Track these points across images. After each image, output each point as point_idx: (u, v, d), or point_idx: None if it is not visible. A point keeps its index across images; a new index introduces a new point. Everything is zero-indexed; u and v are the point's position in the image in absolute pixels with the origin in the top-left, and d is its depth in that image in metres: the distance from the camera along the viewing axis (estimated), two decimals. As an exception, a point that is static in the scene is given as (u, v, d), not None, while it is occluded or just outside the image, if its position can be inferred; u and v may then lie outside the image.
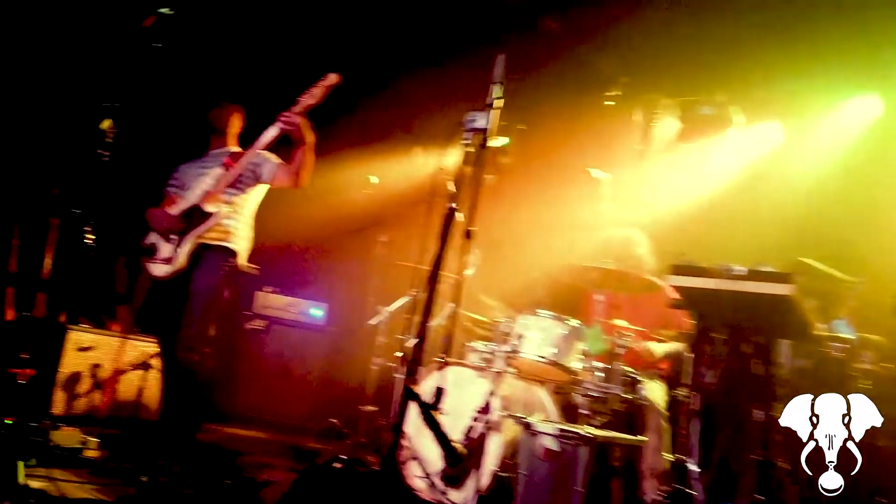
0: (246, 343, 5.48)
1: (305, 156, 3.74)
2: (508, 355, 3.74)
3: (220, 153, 4.09)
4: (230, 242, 3.91)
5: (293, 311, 5.61)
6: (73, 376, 4.04)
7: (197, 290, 3.81)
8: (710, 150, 5.28)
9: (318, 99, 3.66)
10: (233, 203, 3.91)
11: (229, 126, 4.10)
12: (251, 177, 3.96)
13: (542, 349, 3.68)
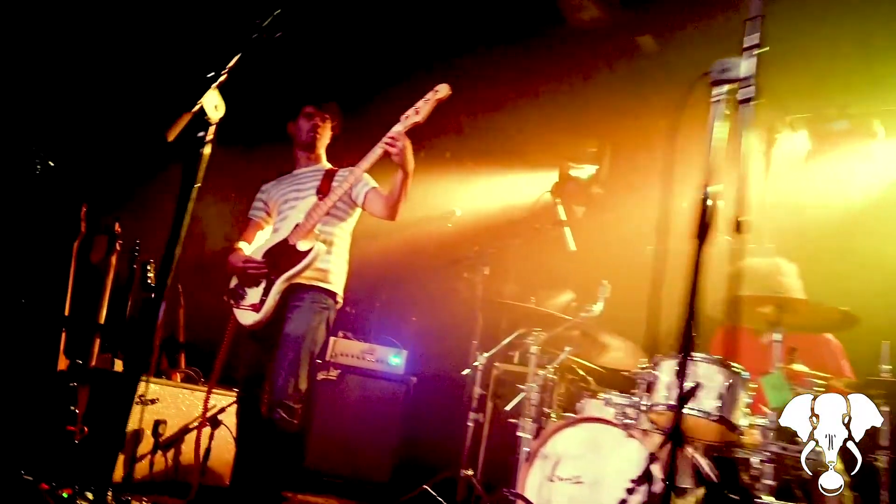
0: (318, 395, 4.87)
1: (405, 185, 3.18)
2: (655, 409, 3.06)
3: (310, 173, 3.56)
4: (328, 283, 3.35)
5: (369, 359, 5.00)
6: (135, 434, 3.46)
7: (290, 336, 3.24)
8: (847, 166, 4.62)
9: (425, 116, 3.12)
10: (329, 237, 3.38)
11: (319, 137, 3.58)
12: (348, 202, 3.43)
13: (705, 402, 3.00)
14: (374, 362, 5.00)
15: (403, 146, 3.07)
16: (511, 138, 5.52)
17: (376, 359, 5.01)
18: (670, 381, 3.08)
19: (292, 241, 3.31)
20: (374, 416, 4.84)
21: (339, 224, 3.44)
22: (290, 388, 3.20)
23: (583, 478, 3.05)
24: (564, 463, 3.15)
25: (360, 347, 5.02)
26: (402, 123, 3.14)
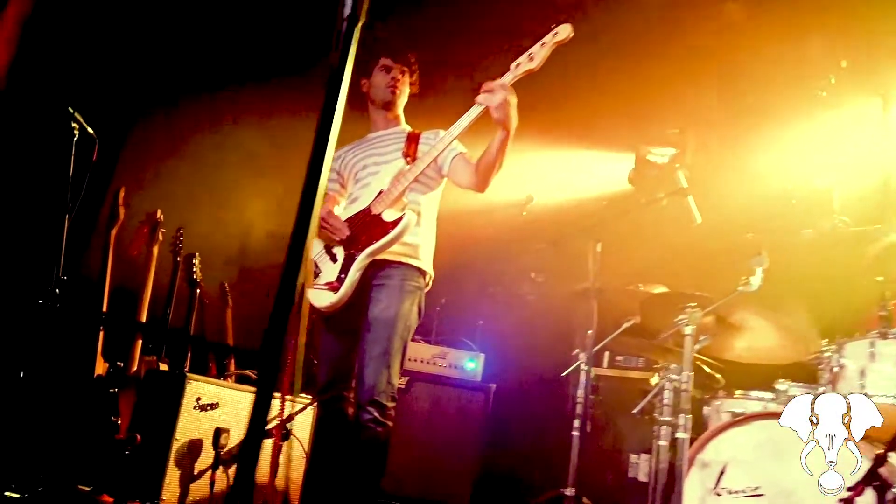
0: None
1: (503, 150, 2.61)
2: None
3: (390, 135, 3.03)
4: (418, 259, 2.80)
5: (441, 364, 4.39)
6: (192, 446, 2.85)
7: (379, 321, 2.68)
8: None
9: (541, 62, 2.56)
10: (417, 207, 2.83)
11: (398, 93, 3.04)
12: (436, 169, 2.89)
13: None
14: (447, 367, 4.38)
15: (503, 99, 2.51)
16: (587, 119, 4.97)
17: (449, 363, 4.39)
18: (865, 367, 2.48)
19: (376, 210, 2.76)
20: (448, 429, 4.20)
21: (427, 193, 2.90)
22: (382, 383, 2.63)
23: (763, 489, 2.42)
24: (733, 471, 2.53)
25: (431, 351, 4.41)
26: (512, 72, 2.59)
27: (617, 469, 4.05)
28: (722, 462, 2.55)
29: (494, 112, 2.54)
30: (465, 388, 4.32)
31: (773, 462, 2.44)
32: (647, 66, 4.92)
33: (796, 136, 4.67)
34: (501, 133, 2.59)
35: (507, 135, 2.58)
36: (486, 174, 2.69)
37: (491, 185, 2.78)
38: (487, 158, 2.66)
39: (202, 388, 2.92)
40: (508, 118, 2.54)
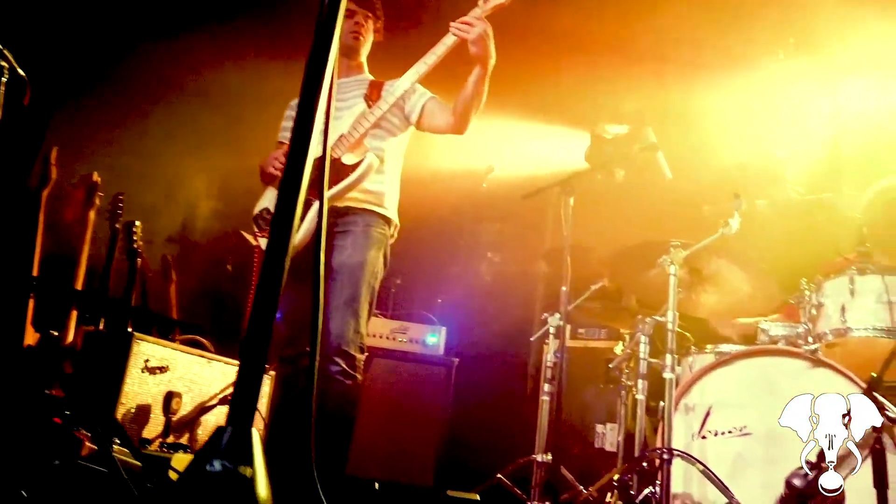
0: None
1: (481, 86, 2.52)
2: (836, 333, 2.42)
3: (354, 82, 2.88)
4: (383, 207, 2.65)
5: (402, 339, 4.20)
6: (139, 412, 2.59)
7: (344, 267, 2.52)
8: None
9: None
10: (380, 153, 2.68)
11: (362, 40, 2.89)
12: (400, 116, 2.76)
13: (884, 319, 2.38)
14: (408, 342, 4.20)
15: (483, 32, 2.42)
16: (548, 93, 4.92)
17: (410, 338, 4.21)
18: (845, 302, 2.46)
19: (336, 153, 2.60)
20: (411, 405, 4.02)
21: (389, 139, 2.76)
22: (349, 333, 2.47)
23: (750, 428, 2.37)
24: (719, 413, 2.47)
25: (390, 326, 4.22)
26: (482, 7, 2.49)
27: (583, 440, 3.98)
28: (707, 405, 2.49)
29: (472, 46, 2.44)
30: (427, 362, 4.16)
31: (761, 401, 2.40)
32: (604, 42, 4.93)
33: (749, 110, 4.77)
34: (479, 69, 2.49)
35: (485, 71, 2.49)
36: (465, 113, 2.58)
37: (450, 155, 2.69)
38: (465, 96, 2.55)
39: (151, 350, 2.67)
40: (487, 51, 2.44)
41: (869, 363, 2.20)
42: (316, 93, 1.21)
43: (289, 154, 1.21)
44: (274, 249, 1.05)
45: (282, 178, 1.24)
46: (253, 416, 0.80)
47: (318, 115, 1.27)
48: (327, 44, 1.21)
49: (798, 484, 2.09)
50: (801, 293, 2.62)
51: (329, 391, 2.45)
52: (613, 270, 3.34)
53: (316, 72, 1.20)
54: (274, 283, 1.03)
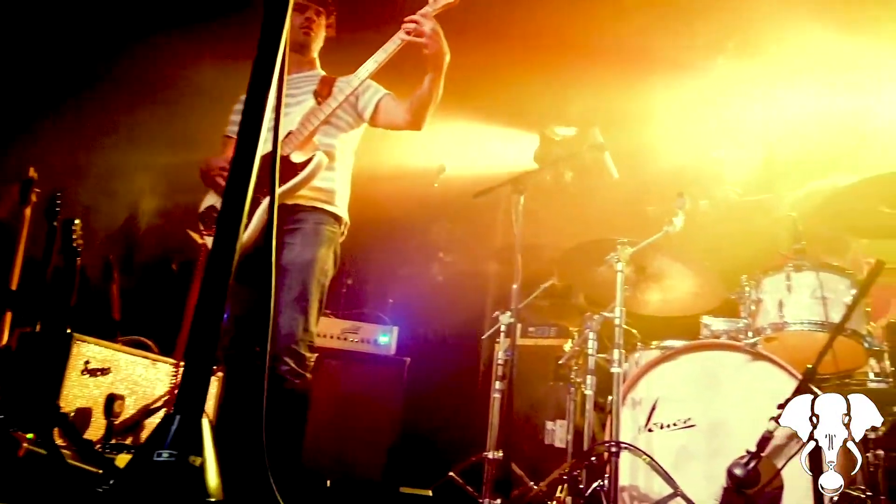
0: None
1: (436, 84, 2.53)
2: (774, 327, 2.52)
3: (305, 78, 2.84)
4: (333, 206, 2.63)
5: (353, 340, 4.18)
6: (79, 415, 2.50)
7: (294, 265, 2.49)
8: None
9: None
10: (330, 149, 2.66)
11: (313, 36, 2.86)
12: (352, 113, 2.74)
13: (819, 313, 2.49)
14: (359, 342, 4.18)
15: (433, 30, 2.43)
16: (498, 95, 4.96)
17: (361, 338, 4.19)
18: (782, 298, 2.57)
19: (284, 151, 2.56)
20: (362, 405, 4.00)
21: (340, 136, 2.74)
22: (298, 331, 2.45)
23: (694, 420, 2.44)
24: (664, 406, 2.53)
25: (341, 326, 4.19)
26: (432, 5, 2.50)
27: (534, 436, 4.03)
28: (653, 398, 2.55)
29: (424, 45, 2.45)
30: (378, 362, 4.14)
31: (703, 394, 2.47)
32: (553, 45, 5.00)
33: (691, 112, 4.91)
34: (434, 67, 2.50)
35: (441, 67, 2.50)
36: (422, 110, 2.58)
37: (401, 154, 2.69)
38: (421, 93, 2.56)
39: (91, 351, 2.58)
40: (440, 49, 2.45)
41: (805, 356, 2.30)
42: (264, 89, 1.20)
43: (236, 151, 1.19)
44: (220, 248, 1.03)
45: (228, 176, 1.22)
46: (203, 404, 0.78)
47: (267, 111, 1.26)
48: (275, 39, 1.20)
49: (739, 473, 2.16)
50: (741, 289, 2.71)
51: (278, 390, 2.41)
52: (563, 269, 3.39)
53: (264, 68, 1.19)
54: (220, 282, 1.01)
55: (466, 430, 3.92)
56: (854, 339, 2.46)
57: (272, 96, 2.89)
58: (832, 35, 4.43)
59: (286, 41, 1.18)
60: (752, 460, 2.14)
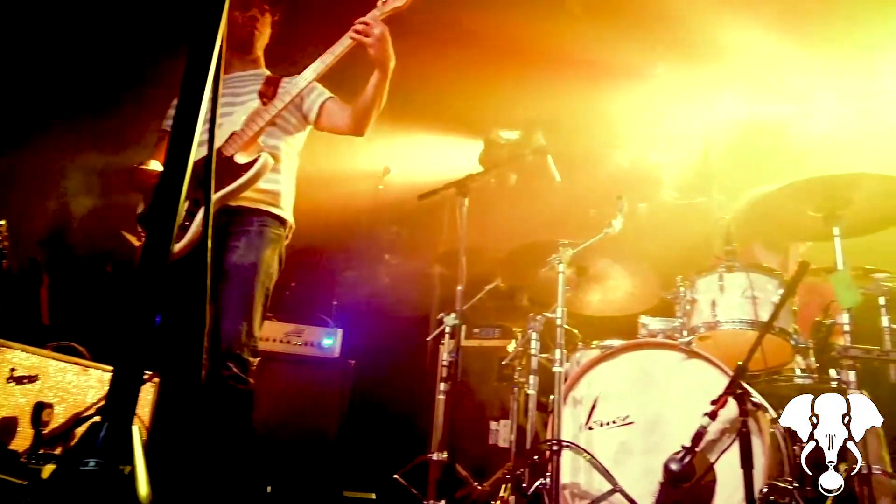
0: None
1: (381, 89, 2.52)
2: (707, 326, 2.61)
3: (249, 76, 2.79)
4: (279, 208, 2.59)
5: (297, 343, 4.12)
6: (4, 425, 2.39)
7: (238, 267, 2.44)
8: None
9: (407, 1, 2.49)
10: (275, 151, 2.62)
11: (257, 34, 2.82)
12: (297, 115, 2.71)
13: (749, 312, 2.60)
14: (303, 346, 4.13)
15: (381, 34, 2.43)
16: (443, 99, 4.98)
17: (304, 341, 4.14)
18: (715, 298, 2.66)
19: (228, 152, 2.52)
20: (307, 408, 3.95)
21: (285, 138, 2.70)
22: (242, 336, 2.40)
23: (633, 417, 2.50)
24: (604, 404, 2.59)
25: (284, 329, 4.13)
26: (380, 8, 2.50)
27: (478, 437, 4.05)
28: (593, 397, 2.61)
29: (370, 49, 2.43)
30: (323, 365, 4.10)
31: (641, 391, 2.54)
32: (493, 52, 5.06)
33: (631, 118, 5.05)
34: (379, 72, 2.48)
35: (385, 74, 2.48)
36: (365, 115, 2.56)
37: (346, 156, 2.67)
38: (365, 98, 2.53)
39: (17, 358, 2.47)
40: (386, 53, 2.44)
41: (737, 353, 2.39)
42: (198, 91, 1.15)
43: (168, 153, 1.15)
44: (151, 251, 1.00)
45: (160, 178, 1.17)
46: (133, 410, 0.75)
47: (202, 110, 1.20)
48: (211, 36, 1.15)
49: (675, 468, 2.22)
50: (676, 290, 2.80)
51: (221, 397, 2.36)
52: (507, 270, 3.43)
53: (197, 67, 1.14)
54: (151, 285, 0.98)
55: (412, 432, 3.92)
56: (782, 336, 2.57)
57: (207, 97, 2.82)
58: (768, 45, 4.64)
59: (223, 38, 1.15)
60: (687, 455, 2.21)
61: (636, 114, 5.02)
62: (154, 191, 2.58)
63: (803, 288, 3.37)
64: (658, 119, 5.00)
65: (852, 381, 2.30)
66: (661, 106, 5.01)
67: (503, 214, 4.50)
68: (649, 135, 5.00)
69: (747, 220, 3.16)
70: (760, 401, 2.42)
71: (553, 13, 4.91)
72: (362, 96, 2.55)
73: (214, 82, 1.14)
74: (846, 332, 2.40)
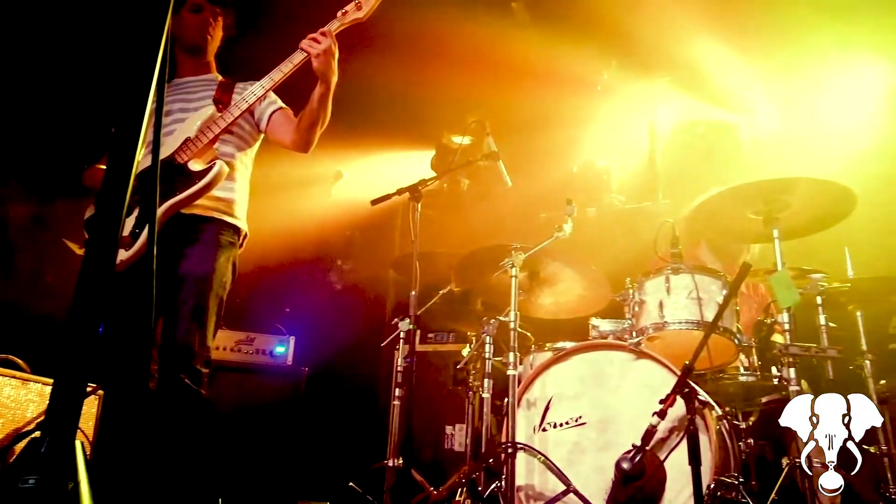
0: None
1: (324, 104, 2.49)
2: (655, 327, 2.67)
3: (202, 81, 2.74)
4: (233, 217, 2.55)
5: (248, 351, 4.04)
6: (-63, 445, 2.27)
7: (191, 276, 2.39)
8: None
9: (369, 12, 2.49)
10: (230, 160, 2.58)
11: (210, 38, 2.77)
12: (251, 123, 2.68)
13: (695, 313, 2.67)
14: (254, 354, 4.06)
15: (328, 48, 2.41)
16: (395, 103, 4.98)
17: (256, 349, 4.07)
18: (662, 299, 2.73)
19: (181, 159, 2.47)
20: (259, 418, 3.88)
21: (240, 146, 2.67)
22: (195, 345, 2.34)
23: (585, 418, 2.54)
24: (557, 406, 2.63)
25: (235, 337, 4.05)
26: (339, 20, 2.49)
27: (434, 442, 4.06)
28: (547, 399, 2.64)
29: (314, 61, 2.41)
30: (275, 373, 4.04)
31: (593, 392, 2.59)
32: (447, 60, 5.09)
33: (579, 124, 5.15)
34: (321, 86, 2.46)
35: (328, 88, 2.46)
36: (309, 130, 2.53)
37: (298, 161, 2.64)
38: (308, 114, 2.51)
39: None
40: (329, 69, 2.42)
41: (684, 353, 2.46)
42: (142, 90, 1.11)
43: (111, 158, 1.11)
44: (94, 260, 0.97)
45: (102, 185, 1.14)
46: (75, 425, 0.73)
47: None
48: (155, 40, 1.13)
49: (626, 467, 2.27)
50: (626, 292, 2.86)
51: (174, 408, 2.30)
52: (460, 274, 3.44)
53: (141, 71, 1.10)
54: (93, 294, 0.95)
55: (367, 438, 3.90)
56: (726, 336, 2.65)
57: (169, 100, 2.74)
58: (710, 55, 4.80)
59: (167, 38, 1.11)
60: (638, 454, 2.26)
61: (584, 120, 5.12)
62: (96, 197, 2.53)
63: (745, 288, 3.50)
64: (605, 125, 5.11)
65: (793, 377, 2.39)
66: (607, 112, 5.12)
67: (456, 219, 4.52)
68: (597, 140, 5.10)
69: (692, 223, 3.26)
70: (707, 399, 2.48)
71: (501, 21, 4.98)
72: (305, 111, 2.53)
73: (159, 86, 1.11)
74: (787, 331, 2.49)
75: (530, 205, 4.85)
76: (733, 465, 2.49)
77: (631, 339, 2.68)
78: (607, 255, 3.86)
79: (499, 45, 5.01)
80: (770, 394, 2.81)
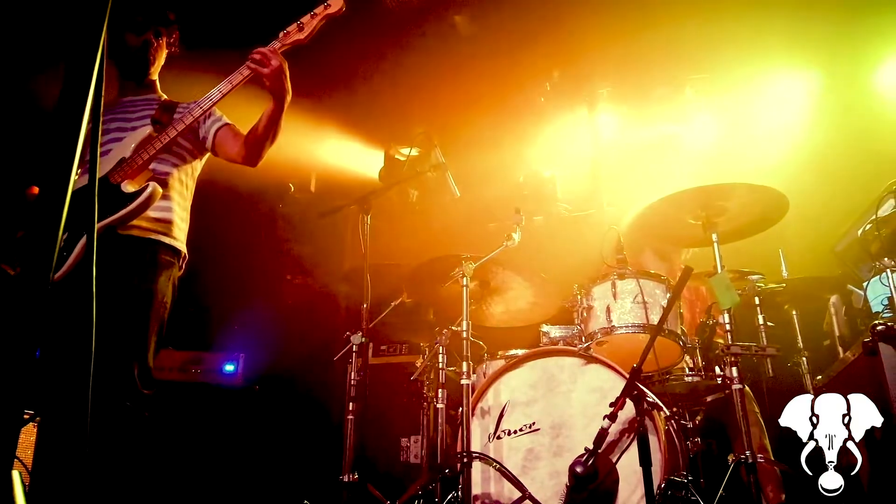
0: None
1: (275, 121, 2.47)
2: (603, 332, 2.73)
3: (143, 101, 2.68)
4: (172, 238, 2.50)
5: (196, 371, 3.95)
6: None
7: (131, 299, 2.33)
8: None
9: (310, 34, 2.48)
10: (167, 179, 2.53)
11: (153, 57, 2.71)
12: (193, 142, 2.64)
13: (640, 317, 2.75)
14: (202, 373, 3.97)
15: (278, 66, 2.40)
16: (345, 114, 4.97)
17: (204, 368, 3.98)
18: (609, 304, 2.80)
19: (115, 180, 2.41)
20: (208, 439, 3.79)
21: (179, 165, 2.61)
22: (135, 368, 2.28)
23: (539, 424, 2.58)
24: (511, 413, 2.65)
25: (181, 357, 3.96)
26: (280, 41, 2.47)
27: (390, 455, 4.03)
28: (500, 406, 2.67)
29: (267, 80, 2.39)
30: (225, 393, 3.95)
31: (545, 398, 2.63)
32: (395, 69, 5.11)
33: (523, 134, 5.23)
34: (274, 104, 2.44)
35: (281, 106, 2.44)
36: (258, 145, 2.50)
37: (246, 174, 2.61)
38: (258, 130, 2.48)
39: None
40: (283, 86, 2.40)
41: (632, 356, 2.52)
42: (77, 110, 1.08)
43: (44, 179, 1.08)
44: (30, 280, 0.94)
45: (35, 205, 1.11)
46: (12, 454, 0.71)
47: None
48: (90, 60, 1.10)
49: (580, 471, 2.31)
50: (574, 298, 2.92)
51: (115, 432, 2.23)
52: (411, 286, 3.45)
53: (75, 92, 1.07)
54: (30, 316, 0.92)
55: (321, 454, 3.85)
56: (671, 338, 2.73)
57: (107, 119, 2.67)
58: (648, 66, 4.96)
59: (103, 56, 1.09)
60: (591, 457, 2.30)
61: (529, 131, 5.21)
62: (29, 219, 2.44)
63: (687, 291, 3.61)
64: (550, 136, 5.21)
65: (735, 376, 2.48)
66: (551, 123, 5.23)
67: (406, 230, 4.52)
68: (542, 151, 5.19)
69: (635, 229, 3.36)
70: (655, 400, 2.55)
71: (443, 32, 5.04)
72: (256, 128, 2.50)
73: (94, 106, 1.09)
74: (728, 332, 2.58)
75: (479, 215, 4.89)
76: (682, 464, 2.56)
77: (580, 344, 2.74)
78: (555, 262, 3.92)
79: (444, 59, 5.06)
80: (714, 392, 2.91)
